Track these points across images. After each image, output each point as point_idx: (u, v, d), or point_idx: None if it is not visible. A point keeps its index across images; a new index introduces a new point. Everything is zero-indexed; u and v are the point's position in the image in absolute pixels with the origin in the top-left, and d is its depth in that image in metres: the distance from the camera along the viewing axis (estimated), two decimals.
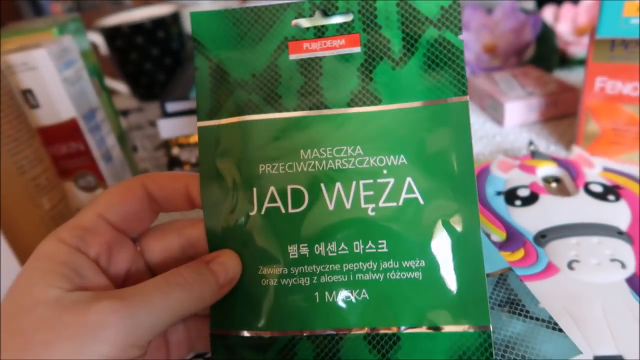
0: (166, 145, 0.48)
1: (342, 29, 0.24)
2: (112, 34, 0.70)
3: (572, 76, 0.59)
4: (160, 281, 0.21)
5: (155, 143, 0.59)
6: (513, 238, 0.31)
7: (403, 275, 0.23)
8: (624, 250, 0.29)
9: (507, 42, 0.60)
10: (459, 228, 0.23)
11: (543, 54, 0.60)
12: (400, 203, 0.24)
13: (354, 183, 0.24)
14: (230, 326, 0.25)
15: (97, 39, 0.72)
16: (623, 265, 0.28)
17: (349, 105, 0.24)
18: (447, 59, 0.24)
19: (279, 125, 0.25)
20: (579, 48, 0.60)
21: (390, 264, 0.23)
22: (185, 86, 0.50)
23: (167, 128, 0.47)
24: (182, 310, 0.21)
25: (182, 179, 0.25)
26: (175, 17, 0.73)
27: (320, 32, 0.25)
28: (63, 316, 0.18)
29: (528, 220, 0.32)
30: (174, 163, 0.48)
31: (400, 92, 0.24)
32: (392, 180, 0.24)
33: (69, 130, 0.37)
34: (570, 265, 0.28)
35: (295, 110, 0.25)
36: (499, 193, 0.36)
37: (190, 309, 0.21)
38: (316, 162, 0.24)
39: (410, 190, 0.24)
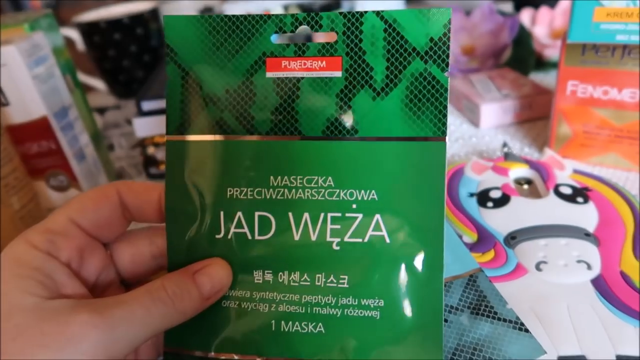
0: (142, 144, 0.48)
1: (325, 50, 0.23)
2: (89, 30, 0.69)
3: (547, 79, 0.60)
4: (143, 295, 0.21)
5: (132, 142, 0.58)
6: (484, 239, 0.32)
7: (360, 312, 0.23)
8: (591, 251, 0.29)
9: (484, 44, 0.61)
10: (422, 270, 0.23)
11: (520, 56, 0.61)
12: (366, 239, 0.23)
13: (322, 215, 0.23)
14: (184, 345, 0.25)
15: (74, 34, 0.71)
16: (589, 267, 0.28)
17: (323, 132, 0.23)
18: (430, 96, 0.23)
19: (250, 148, 0.24)
20: (555, 51, 0.61)
21: (349, 301, 0.23)
22: (162, 84, 0.50)
23: (143, 127, 0.46)
24: (163, 326, 0.21)
25: (156, 190, 0.25)
26: (154, 14, 0.73)
27: (300, 51, 0.23)
28: (42, 325, 0.18)
29: (499, 221, 0.33)
30: (150, 162, 0.47)
31: (378, 125, 0.23)
32: (360, 216, 0.23)
33: (39, 129, 0.37)
34: (538, 267, 0.29)
35: (267, 134, 0.24)
36: (471, 195, 0.36)
37: (171, 324, 0.21)
38: (286, 190, 0.24)
39: (377, 227, 0.23)
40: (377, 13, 0.23)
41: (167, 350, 0.25)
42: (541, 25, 0.63)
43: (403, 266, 0.23)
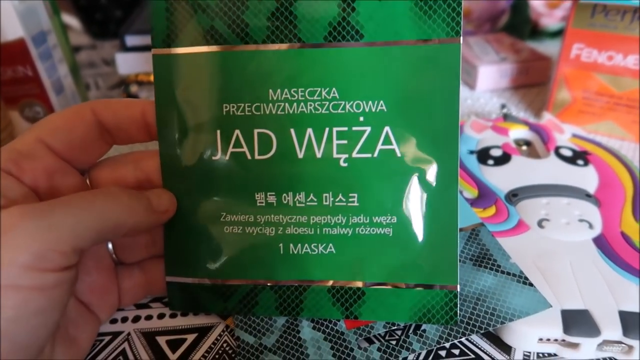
0: (124, 82, 0.45)
1: None
2: None
3: (542, 48, 0.59)
4: (84, 191, 0.20)
5: (110, 82, 0.55)
6: (485, 195, 0.31)
7: (373, 230, 0.22)
8: (592, 211, 0.29)
9: (482, 8, 0.60)
10: (435, 184, 0.22)
11: (516, 23, 0.60)
12: (376, 154, 0.22)
13: (327, 130, 0.22)
14: (189, 273, 0.23)
15: None
16: (591, 226, 0.28)
17: (325, 39, 0.21)
18: None
19: (245, 59, 0.22)
20: (550, 20, 0.60)
21: (360, 219, 0.22)
22: (147, 20, 0.47)
23: (126, 63, 0.43)
24: (110, 216, 0.19)
25: (138, 105, 0.22)
26: None
27: None
28: None
29: (500, 179, 0.32)
30: None
31: (386, 28, 0.21)
32: (368, 129, 0.22)
33: (15, 52, 0.34)
34: (540, 224, 0.28)
35: (264, 42, 0.22)
36: (471, 152, 0.35)
37: (123, 219, 0.20)
38: (286, 104, 0.22)
39: (387, 140, 0.22)
40: None
41: (170, 279, 0.23)
42: None
43: (416, 180, 0.22)
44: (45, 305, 0.17)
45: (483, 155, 0.35)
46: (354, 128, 0.22)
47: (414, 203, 0.22)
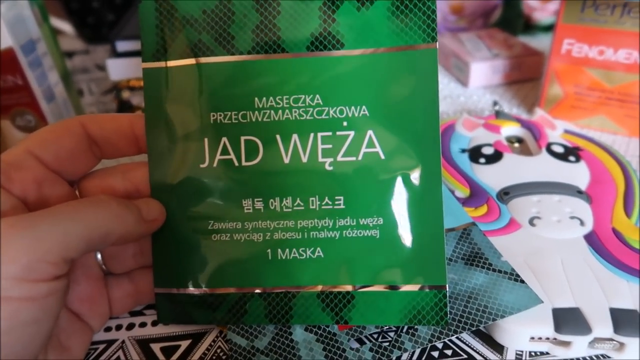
0: (116, 88, 0.45)
1: None
2: None
3: (534, 42, 0.59)
4: (73, 200, 0.20)
5: (103, 87, 0.55)
6: (477, 194, 0.31)
7: (360, 233, 0.23)
8: (583, 208, 0.29)
9: (474, 4, 0.60)
10: (419, 184, 0.22)
11: (508, 18, 0.60)
12: (360, 157, 0.22)
13: (311, 135, 0.22)
14: (177, 284, 0.24)
15: None
16: (582, 223, 0.28)
17: (308, 49, 0.22)
18: (418, 1, 0.22)
19: (231, 69, 0.23)
20: (543, 14, 0.60)
21: (346, 222, 0.23)
22: (137, 25, 0.47)
23: (117, 69, 0.43)
24: (100, 225, 0.19)
25: (125, 118, 0.23)
26: None
27: None
28: None
29: (491, 177, 0.32)
30: (124, 107, 0.45)
31: (365, 37, 0.22)
32: (352, 133, 0.22)
33: (4, 62, 0.34)
34: (531, 222, 0.28)
35: (249, 53, 0.23)
36: (463, 150, 0.35)
37: (112, 228, 0.20)
38: (272, 111, 0.23)
39: (371, 144, 0.22)
40: None
41: (159, 291, 0.24)
42: None
43: (400, 182, 0.22)
44: (37, 315, 0.17)
45: (475, 154, 0.35)
46: (338, 133, 0.22)
47: (399, 204, 0.23)
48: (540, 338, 0.23)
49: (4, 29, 0.33)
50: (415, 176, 0.22)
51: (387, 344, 0.23)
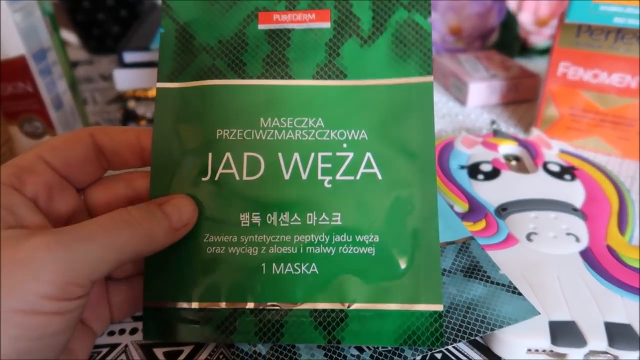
0: (121, 98, 0.45)
1: (314, 4, 0.25)
2: None
3: (531, 65, 0.61)
4: (104, 218, 0.20)
5: (107, 97, 0.56)
6: (475, 210, 0.32)
7: (356, 250, 0.23)
8: (579, 225, 0.30)
9: (472, 26, 0.61)
10: (415, 206, 0.23)
11: (505, 40, 0.62)
12: (358, 177, 0.23)
13: (312, 154, 0.24)
14: (166, 297, 0.23)
15: None
16: (577, 239, 0.29)
17: (313, 77, 0.24)
18: (415, 40, 0.24)
19: (241, 91, 0.24)
20: (539, 38, 0.62)
21: (343, 238, 0.23)
22: (145, 37, 0.48)
23: (124, 79, 0.44)
24: (130, 249, 0.20)
25: (133, 132, 0.24)
26: None
27: (291, 5, 0.25)
28: None
29: (490, 193, 0.33)
30: (129, 117, 0.45)
31: (366, 69, 0.24)
32: (351, 155, 0.24)
33: (16, 69, 0.34)
34: (528, 237, 0.29)
35: (259, 78, 0.24)
36: (462, 167, 0.36)
37: (141, 248, 0.20)
38: (276, 131, 0.24)
39: (369, 165, 0.24)
40: None
41: (147, 305, 0.23)
42: (527, 12, 0.64)
43: (397, 202, 0.23)
44: (62, 327, 0.18)
45: (473, 170, 0.35)
46: (338, 153, 0.24)
47: (396, 223, 0.23)
48: (537, 350, 0.23)
49: (17, 37, 0.33)
50: (411, 198, 0.23)
51: (387, 351, 0.23)
